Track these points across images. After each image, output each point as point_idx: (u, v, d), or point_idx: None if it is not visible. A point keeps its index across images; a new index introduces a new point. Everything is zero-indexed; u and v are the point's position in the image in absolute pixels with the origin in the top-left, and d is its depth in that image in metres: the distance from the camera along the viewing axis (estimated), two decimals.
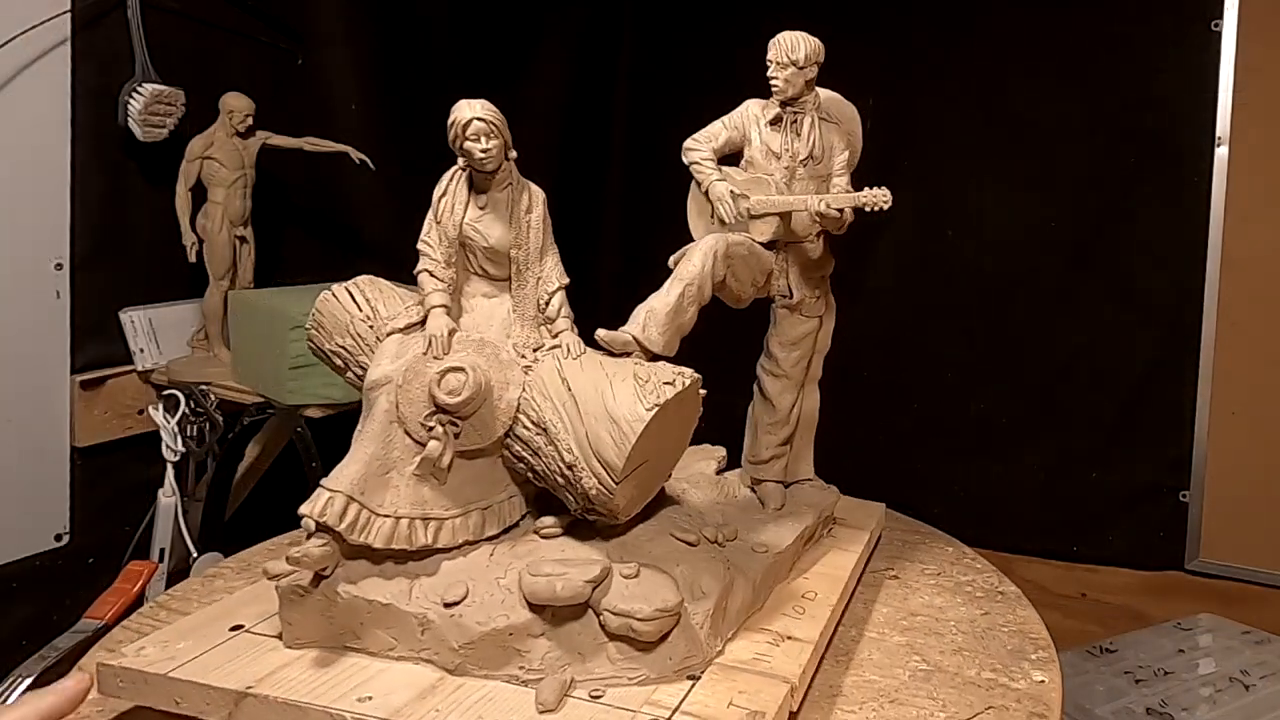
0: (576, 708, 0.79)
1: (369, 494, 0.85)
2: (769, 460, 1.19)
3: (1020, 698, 0.91)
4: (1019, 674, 0.96)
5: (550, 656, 0.82)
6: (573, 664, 0.82)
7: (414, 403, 0.88)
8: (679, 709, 0.79)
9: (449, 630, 0.82)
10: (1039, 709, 0.90)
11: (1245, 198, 2.18)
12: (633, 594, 0.83)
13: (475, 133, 0.91)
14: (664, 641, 0.83)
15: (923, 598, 1.13)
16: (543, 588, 0.81)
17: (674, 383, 0.88)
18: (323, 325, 0.99)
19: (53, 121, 1.81)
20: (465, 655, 0.82)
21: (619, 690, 0.81)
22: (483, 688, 0.81)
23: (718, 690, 0.82)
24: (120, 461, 1.95)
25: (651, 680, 0.82)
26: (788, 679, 0.84)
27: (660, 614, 0.81)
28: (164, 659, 0.82)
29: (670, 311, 0.97)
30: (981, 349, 2.43)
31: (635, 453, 0.85)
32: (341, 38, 2.28)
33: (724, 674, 0.84)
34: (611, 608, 0.82)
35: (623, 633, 0.81)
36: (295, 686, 0.80)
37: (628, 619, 0.81)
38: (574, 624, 0.83)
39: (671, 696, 0.80)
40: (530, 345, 0.94)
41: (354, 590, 0.84)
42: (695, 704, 0.79)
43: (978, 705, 0.90)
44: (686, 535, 0.95)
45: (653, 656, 0.83)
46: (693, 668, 0.84)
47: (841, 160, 1.13)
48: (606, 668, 0.82)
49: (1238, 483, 2.21)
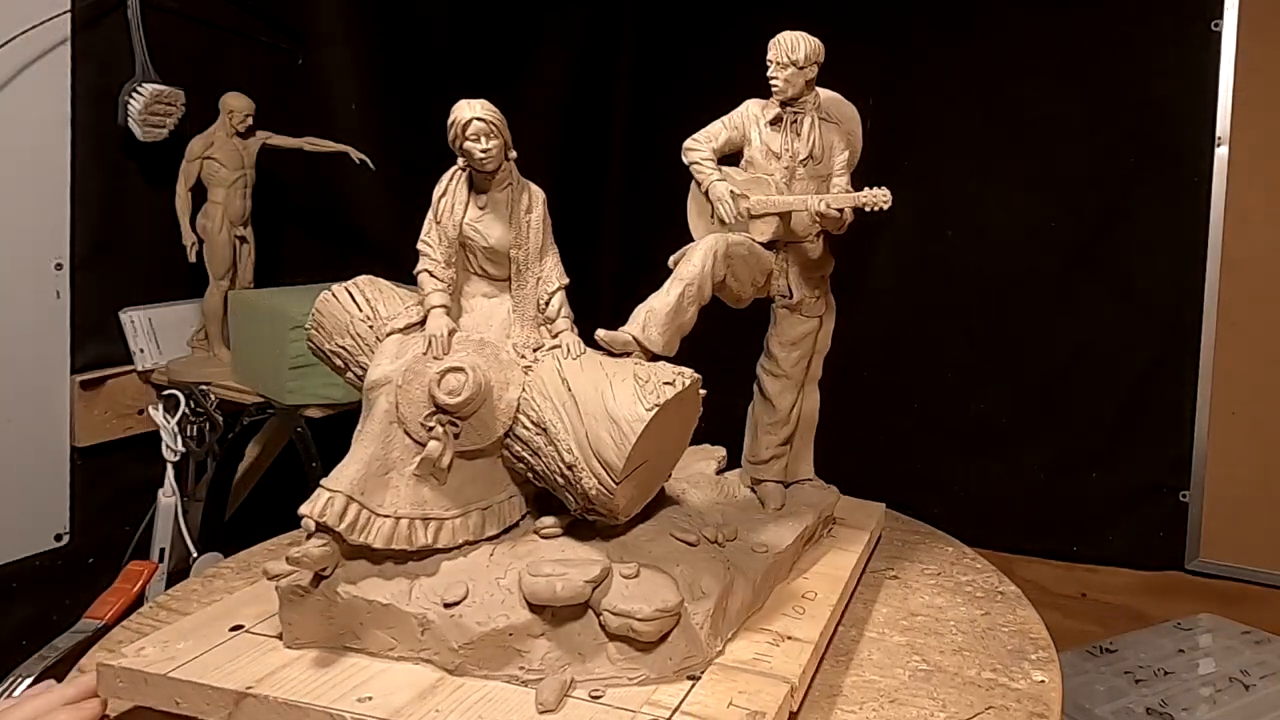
0: (576, 708, 0.79)
1: (369, 494, 0.85)
2: (769, 460, 1.19)
3: (1020, 698, 0.92)
4: (1019, 674, 0.96)
5: (550, 657, 0.82)
6: (572, 664, 0.82)
7: (414, 403, 0.88)
8: (679, 709, 0.79)
9: (449, 630, 0.82)
10: (1039, 709, 0.90)
11: (1245, 198, 2.18)
12: (633, 594, 0.83)
13: (475, 133, 0.91)
14: (664, 642, 0.83)
15: (923, 598, 1.13)
16: (543, 588, 0.81)
17: (674, 383, 0.88)
18: (323, 325, 0.99)
19: (53, 121, 1.81)
20: (465, 655, 0.82)
21: (619, 690, 0.81)
22: (483, 688, 0.81)
23: (718, 690, 0.82)
24: (120, 461, 1.95)
25: (651, 680, 0.82)
26: (788, 679, 0.84)
27: (660, 614, 0.81)
28: (164, 659, 0.82)
29: (670, 311, 0.97)
30: (981, 349, 2.43)
31: (635, 453, 0.85)
32: (341, 38, 2.28)
33: (724, 674, 0.84)
34: (612, 608, 0.82)
35: (623, 633, 0.81)
36: (295, 687, 0.80)
37: (628, 619, 0.81)
38: (574, 624, 0.83)
39: (671, 697, 0.80)
40: (530, 345, 0.94)
41: (354, 590, 0.85)
42: (695, 704, 0.79)
43: (978, 705, 0.90)
44: (686, 535, 0.95)
45: (653, 657, 0.83)
46: (693, 668, 0.84)
47: (841, 160, 1.13)
48: (606, 668, 0.82)
49: (1238, 483, 2.21)
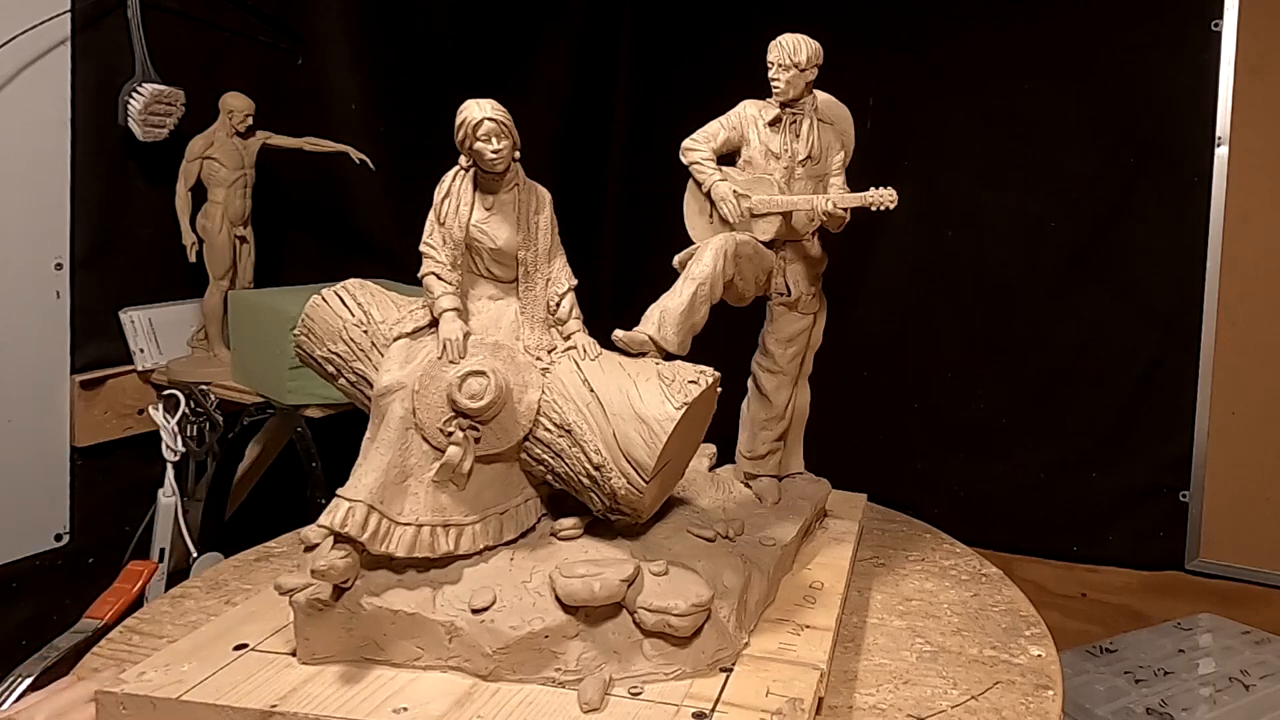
0: (620, 705, 0.80)
1: (388, 503, 0.83)
2: (765, 455, 1.20)
3: (1023, 672, 0.96)
4: (1018, 650, 1.00)
5: (586, 657, 0.82)
6: (609, 663, 0.83)
7: (432, 408, 0.86)
8: (720, 700, 0.80)
9: (480, 636, 0.82)
10: (1042, 681, 0.94)
11: (1245, 198, 2.18)
12: (665, 591, 0.84)
13: (486, 133, 0.89)
14: (697, 636, 0.84)
15: (913, 583, 1.17)
16: (580, 589, 0.82)
17: (698, 381, 0.90)
18: (313, 331, 0.97)
19: (53, 121, 1.81)
20: (499, 660, 0.82)
21: (656, 685, 0.82)
22: (520, 691, 0.81)
23: (751, 680, 0.83)
24: (120, 461, 1.95)
25: (687, 675, 0.84)
26: (817, 666, 0.86)
27: (696, 609, 0.83)
28: (171, 683, 0.79)
29: (684, 311, 0.98)
30: (981, 349, 2.43)
31: (664, 452, 0.87)
32: (341, 38, 2.28)
33: (754, 665, 0.86)
34: (647, 605, 0.83)
35: (659, 629, 0.82)
36: (324, 702, 0.78)
37: (664, 615, 0.82)
38: (608, 623, 0.83)
39: (709, 689, 0.82)
40: (543, 348, 0.93)
41: (377, 601, 0.83)
42: (734, 695, 0.81)
43: (985, 681, 0.93)
44: (703, 532, 0.97)
45: (687, 651, 0.84)
46: (724, 660, 0.86)
47: (838, 160, 1.15)
48: (643, 664, 0.83)
49: (1238, 483, 2.21)
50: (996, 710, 0.89)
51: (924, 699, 0.90)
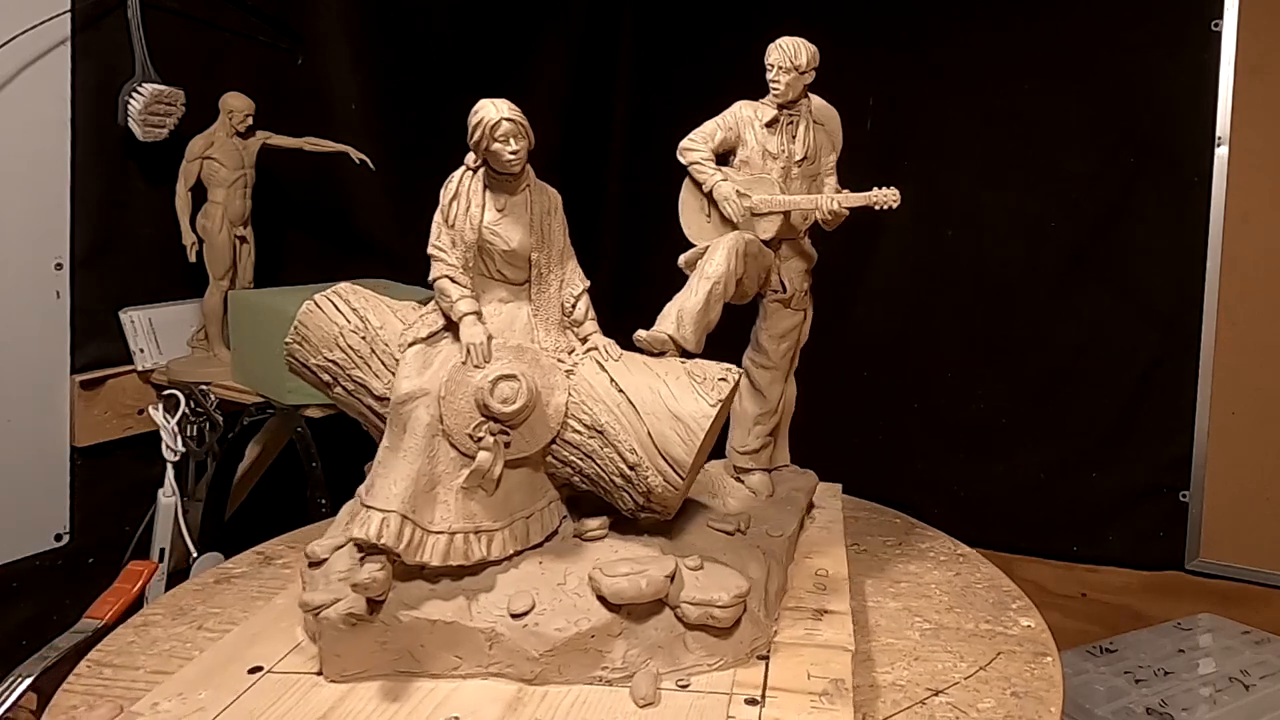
0: (673, 698, 0.81)
1: (420, 511, 0.82)
2: (758, 449, 1.22)
3: (1020, 641, 1.01)
4: (1010, 622, 1.05)
5: (631, 654, 0.83)
6: (654, 658, 0.83)
7: (460, 414, 0.85)
8: (768, 686, 0.82)
9: (524, 640, 0.82)
10: (1039, 648, 0.99)
11: (1245, 198, 2.18)
12: (705, 584, 0.85)
13: (505, 134, 0.87)
14: (736, 627, 0.86)
15: (897, 566, 1.20)
16: (628, 587, 0.83)
17: (726, 379, 0.91)
18: (308, 339, 0.95)
19: (53, 121, 1.81)
20: (546, 663, 0.82)
21: (701, 677, 0.84)
22: (569, 692, 0.81)
23: (790, 665, 0.86)
24: (120, 461, 1.95)
25: (729, 664, 0.85)
26: (846, 647, 0.89)
27: (738, 600, 0.84)
28: (191, 712, 0.77)
29: (700, 310, 1.00)
30: (981, 349, 2.43)
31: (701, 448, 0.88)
32: (341, 38, 2.28)
33: (788, 651, 0.88)
34: (690, 599, 0.84)
35: (702, 622, 0.84)
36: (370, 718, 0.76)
37: (708, 608, 0.84)
38: (651, 620, 0.85)
39: (753, 677, 0.84)
40: (561, 349, 0.92)
41: (414, 612, 0.82)
42: (778, 680, 0.83)
43: (989, 653, 0.98)
44: (723, 526, 0.98)
45: (729, 642, 0.86)
46: (760, 648, 0.88)
47: (830, 161, 1.18)
48: (687, 657, 0.85)
49: (1238, 483, 2.21)
50: (1005, 678, 0.93)
51: (938, 673, 0.94)
